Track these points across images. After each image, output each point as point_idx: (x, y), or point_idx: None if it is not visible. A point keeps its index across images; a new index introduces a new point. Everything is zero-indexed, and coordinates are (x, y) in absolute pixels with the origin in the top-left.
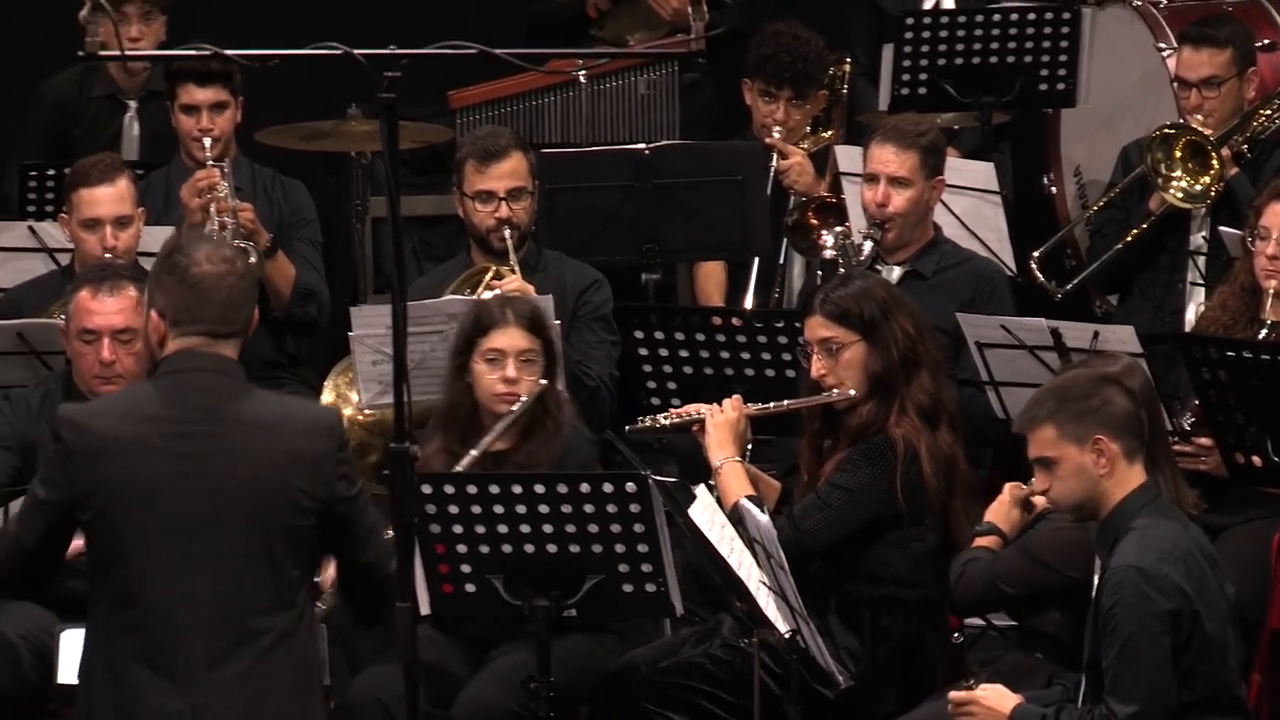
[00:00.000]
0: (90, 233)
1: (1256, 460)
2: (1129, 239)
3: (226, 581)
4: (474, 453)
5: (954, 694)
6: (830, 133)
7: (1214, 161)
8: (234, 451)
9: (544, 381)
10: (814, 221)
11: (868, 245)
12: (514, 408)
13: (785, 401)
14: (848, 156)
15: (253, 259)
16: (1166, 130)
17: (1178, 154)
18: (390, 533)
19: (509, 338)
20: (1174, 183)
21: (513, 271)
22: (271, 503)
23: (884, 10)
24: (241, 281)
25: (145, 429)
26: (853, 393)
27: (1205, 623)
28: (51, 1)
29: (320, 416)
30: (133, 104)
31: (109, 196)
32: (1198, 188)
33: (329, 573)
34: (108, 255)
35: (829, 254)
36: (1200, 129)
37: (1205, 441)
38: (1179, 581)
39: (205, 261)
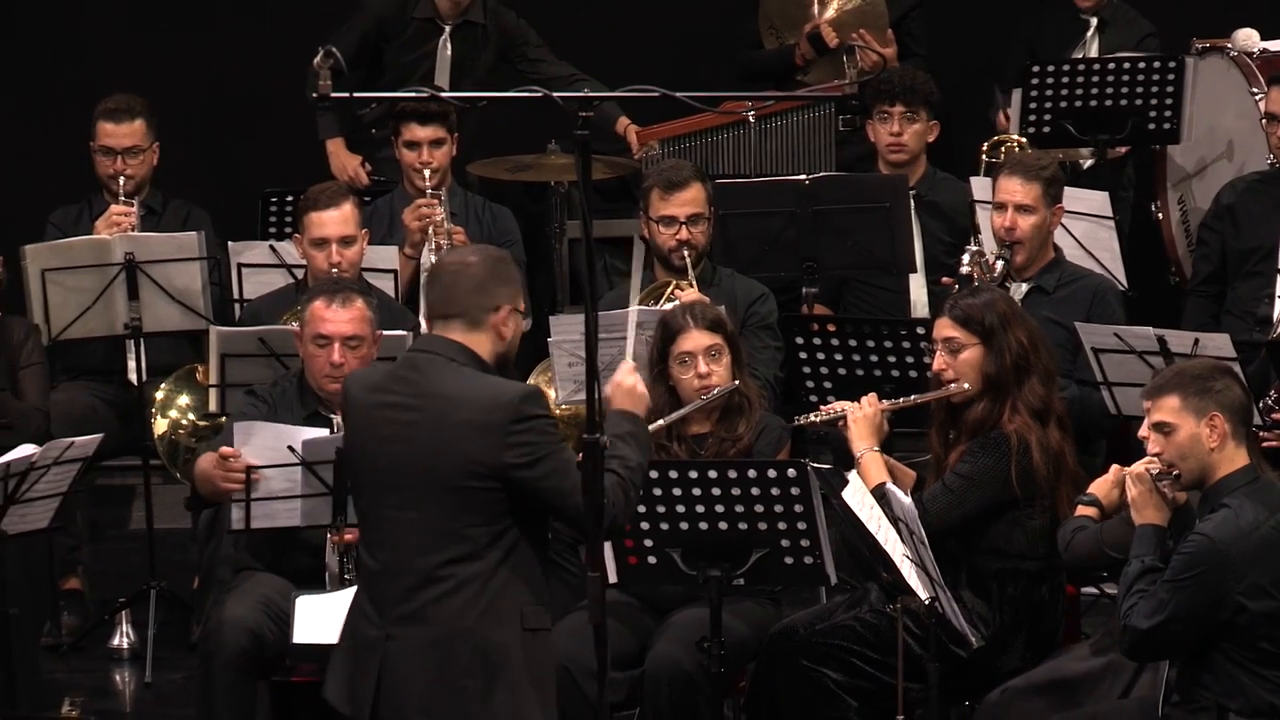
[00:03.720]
0: (319, 250)
1: None
2: None
3: (416, 532)
4: (660, 422)
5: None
6: None
7: None
8: (425, 420)
9: (735, 382)
10: None
11: (999, 264)
12: (703, 399)
13: (913, 396)
14: (980, 186)
15: None
16: None
17: None
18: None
19: (693, 340)
20: None
21: (691, 286)
22: (447, 466)
23: (1037, 54)
24: (467, 269)
25: (370, 396)
26: (967, 386)
27: (1257, 601)
28: None
29: (503, 392)
30: (448, 28)
31: (335, 219)
32: None
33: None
34: (334, 270)
35: (965, 270)
36: None
37: None
38: (1241, 564)
39: (447, 255)
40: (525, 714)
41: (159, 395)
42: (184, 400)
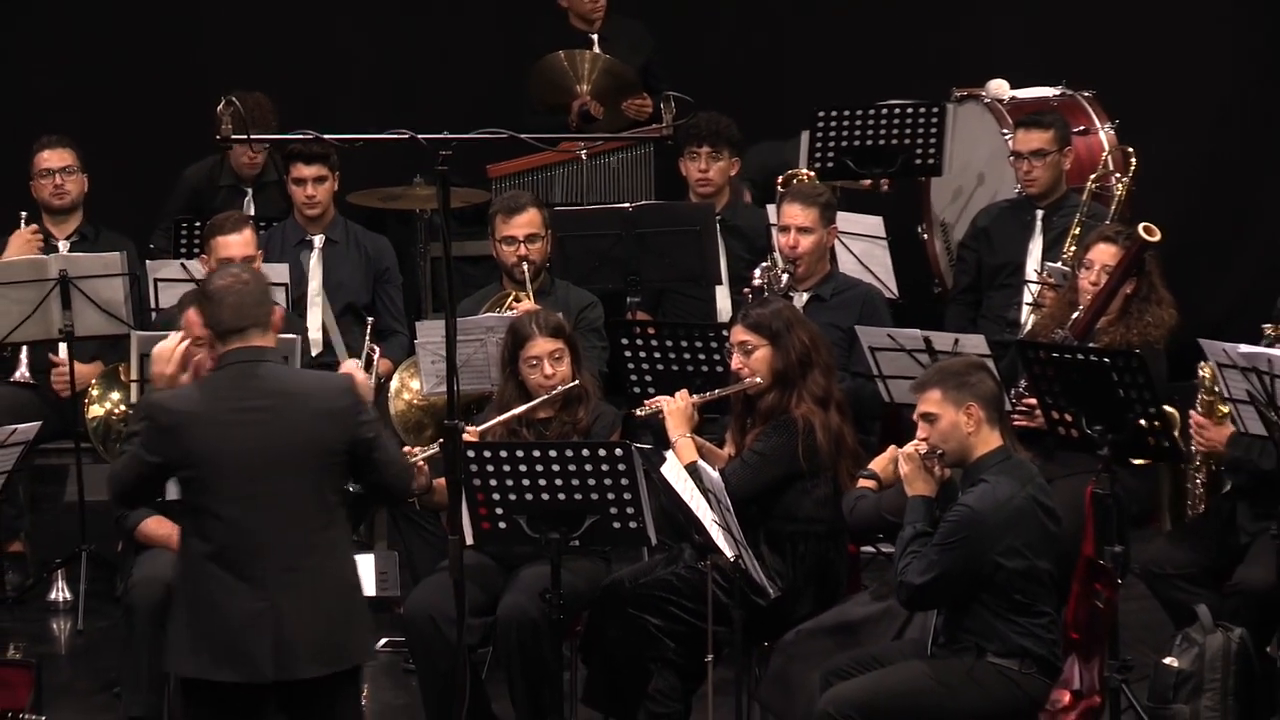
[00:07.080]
0: None
1: (1075, 433)
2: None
3: (288, 510)
4: (514, 411)
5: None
6: None
7: None
8: (282, 415)
9: (575, 382)
10: None
11: (785, 277)
12: (548, 394)
13: (717, 390)
14: (776, 213)
15: None
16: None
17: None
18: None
19: (539, 346)
20: None
21: (528, 297)
22: (312, 448)
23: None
24: (245, 287)
25: (215, 405)
26: (759, 381)
27: (1012, 560)
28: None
29: (338, 382)
30: (249, 190)
31: (238, 242)
32: None
33: None
34: None
35: (757, 282)
36: None
37: (1032, 401)
38: (997, 530)
39: (218, 279)
40: (369, 646)
41: (94, 390)
42: (115, 395)
